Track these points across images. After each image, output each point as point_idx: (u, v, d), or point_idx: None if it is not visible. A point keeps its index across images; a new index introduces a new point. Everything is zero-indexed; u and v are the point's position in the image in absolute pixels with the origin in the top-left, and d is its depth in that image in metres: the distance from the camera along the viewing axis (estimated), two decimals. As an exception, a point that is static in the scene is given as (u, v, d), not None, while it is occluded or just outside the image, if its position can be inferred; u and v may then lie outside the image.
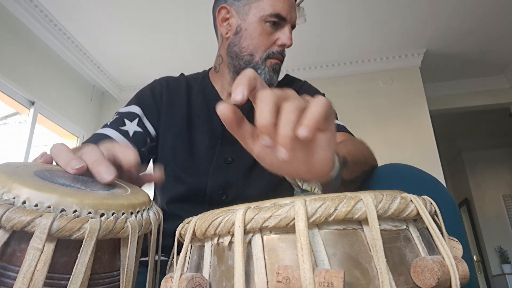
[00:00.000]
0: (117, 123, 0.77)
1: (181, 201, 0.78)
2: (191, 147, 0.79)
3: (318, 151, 0.38)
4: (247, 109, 0.82)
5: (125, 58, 3.30)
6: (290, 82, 0.90)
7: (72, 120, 3.30)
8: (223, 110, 0.35)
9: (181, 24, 2.86)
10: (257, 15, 0.79)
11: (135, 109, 0.80)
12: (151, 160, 0.85)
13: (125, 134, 0.75)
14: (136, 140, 0.76)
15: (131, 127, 0.77)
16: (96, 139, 0.72)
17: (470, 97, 3.75)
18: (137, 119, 0.79)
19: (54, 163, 0.43)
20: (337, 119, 0.79)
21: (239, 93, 0.33)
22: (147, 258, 0.39)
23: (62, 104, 3.18)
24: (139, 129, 0.78)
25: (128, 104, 0.82)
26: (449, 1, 2.72)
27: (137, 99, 0.83)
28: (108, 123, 0.77)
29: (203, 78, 0.89)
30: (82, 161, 0.39)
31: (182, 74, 0.90)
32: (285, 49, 0.80)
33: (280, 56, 0.78)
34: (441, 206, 0.33)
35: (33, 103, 2.85)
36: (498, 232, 4.80)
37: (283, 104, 0.33)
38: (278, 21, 0.78)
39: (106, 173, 0.39)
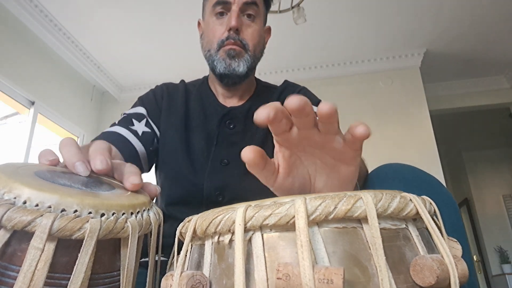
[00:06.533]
0: (126, 122, 0.77)
1: (178, 203, 0.78)
2: (188, 149, 0.79)
3: (341, 166, 0.37)
4: (244, 112, 0.82)
5: (125, 58, 3.30)
6: (289, 88, 0.88)
7: (72, 120, 3.30)
8: (246, 153, 0.34)
9: (181, 24, 2.86)
10: (207, 12, 0.80)
11: (141, 109, 0.81)
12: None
13: (134, 133, 0.76)
14: (145, 139, 0.77)
15: (140, 127, 0.78)
16: (106, 136, 0.71)
17: (470, 97, 3.75)
18: (144, 119, 0.80)
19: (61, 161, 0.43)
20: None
21: (264, 113, 0.31)
22: (146, 259, 0.39)
23: (62, 104, 3.18)
24: (147, 129, 0.79)
25: (133, 106, 0.83)
26: (449, 1, 2.72)
27: (141, 101, 0.84)
28: (117, 122, 0.78)
29: (202, 83, 0.90)
30: (87, 166, 0.39)
31: (182, 81, 0.90)
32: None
33: (231, 41, 0.75)
34: (441, 206, 0.33)
35: (33, 103, 2.85)
36: (498, 232, 4.80)
37: None
38: (223, 10, 0.77)
39: (100, 161, 0.39)
